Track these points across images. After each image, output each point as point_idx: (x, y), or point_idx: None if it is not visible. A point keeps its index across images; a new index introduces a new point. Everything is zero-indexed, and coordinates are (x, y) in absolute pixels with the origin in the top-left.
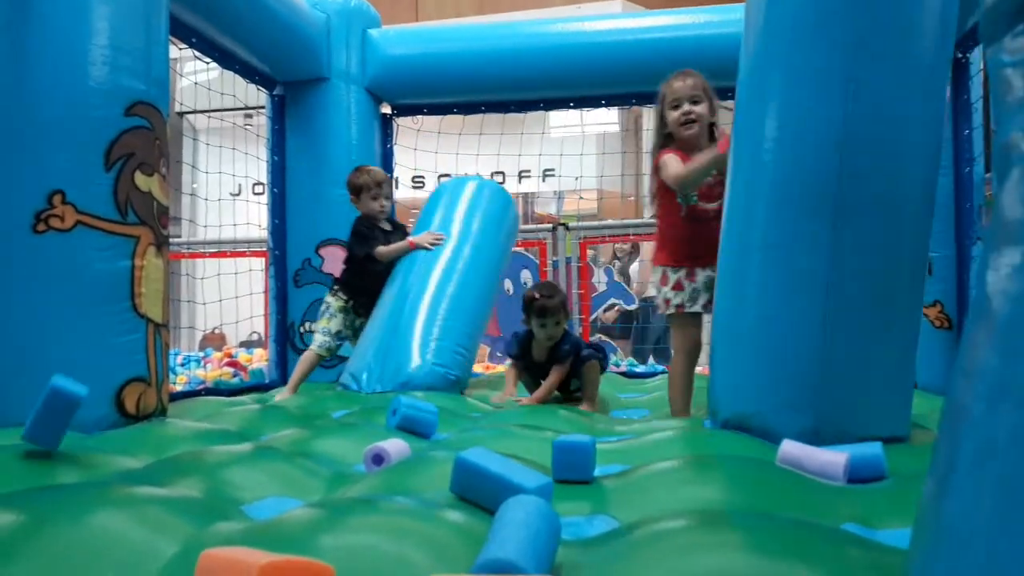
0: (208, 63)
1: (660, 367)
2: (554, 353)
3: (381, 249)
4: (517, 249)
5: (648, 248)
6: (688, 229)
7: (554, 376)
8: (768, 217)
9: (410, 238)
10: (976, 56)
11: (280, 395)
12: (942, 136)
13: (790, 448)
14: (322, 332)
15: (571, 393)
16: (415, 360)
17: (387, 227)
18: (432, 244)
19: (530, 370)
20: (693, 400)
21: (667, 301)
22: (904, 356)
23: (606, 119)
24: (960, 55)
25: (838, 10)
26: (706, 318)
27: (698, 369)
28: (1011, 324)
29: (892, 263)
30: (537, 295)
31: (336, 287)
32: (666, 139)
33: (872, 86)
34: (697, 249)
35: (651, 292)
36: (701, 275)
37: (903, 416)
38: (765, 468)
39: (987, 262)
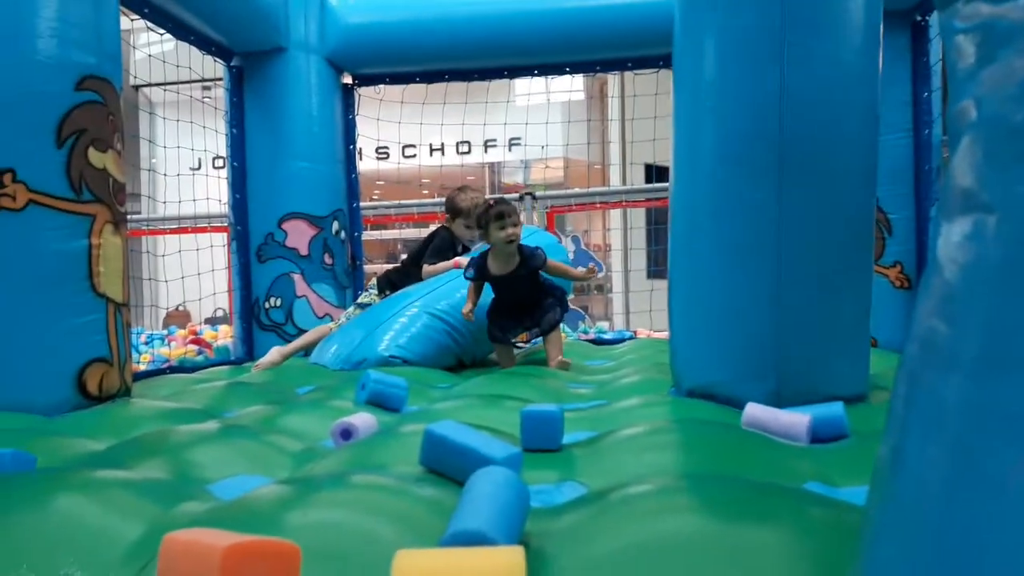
0: (162, 34)
1: (628, 333)
2: (519, 261)
3: (428, 268)
4: None
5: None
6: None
7: (556, 265)
8: (712, 186)
9: (456, 259)
10: (935, 19)
11: (266, 358)
12: (878, 96)
13: (754, 411)
14: (346, 315)
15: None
16: (377, 341)
17: (459, 250)
18: None
19: (498, 289)
20: (653, 361)
21: None
22: (859, 315)
23: (571, 87)
24: (919, 17)
25: None
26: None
27: (663, 334)
28: (961, 293)
29: (839, 223)
30: (492, 202)
31: (377, 282)
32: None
33: (805, 50)
34: None
35: None
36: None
37: (861, 375)
38: (730, 431)
39: (939, 230)
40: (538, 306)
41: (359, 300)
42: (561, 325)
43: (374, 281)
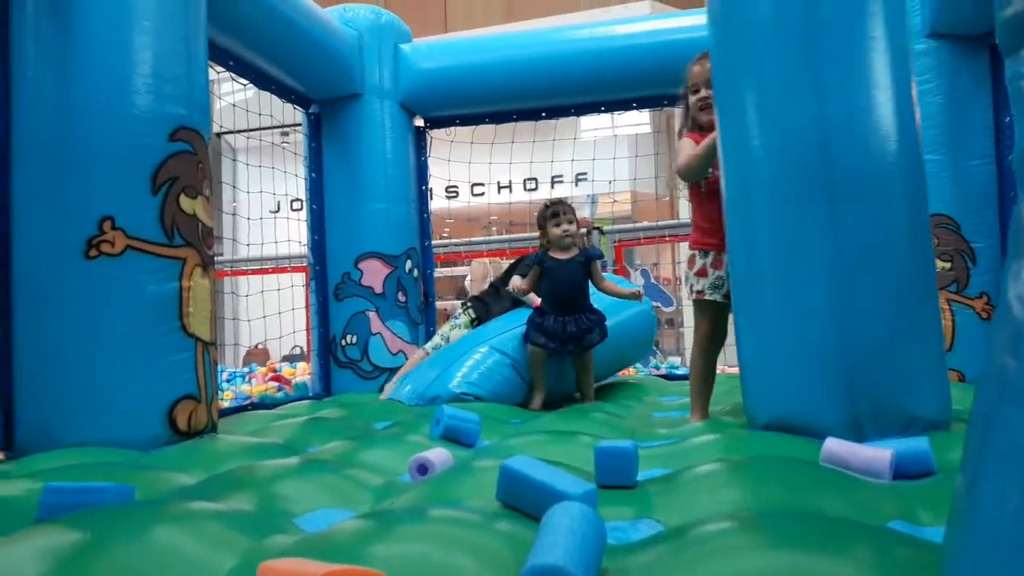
0: (244, 84)
1: None
2: (578, 251)
3: (516, 281)
4: None
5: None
6: (710, 207)
7: (605, 283)
8: (767, 219)
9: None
10: None
11: (385, 392)
12: (915, 117)
13: (834, 446)
14: (440, 335)
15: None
16: (450, 378)
17: None
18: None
19: (552, 278)
20: (722, 400)
21: (691, 287)
22: (929, 335)
23: (637, 120)
24: (998, 41)
25: (793, 15)
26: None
27: (734, 370)
28: None
29: (895, 244)
30: (548, 203)
31: (469, 303)
32: (691, 123)
33: (839, 83)
34: (721, 229)
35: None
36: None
37: (941, 398)
38: (808, 468)
39: (1008, 269)
40: (584, 312)
41: (459, 318)
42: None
43: (464, 305)
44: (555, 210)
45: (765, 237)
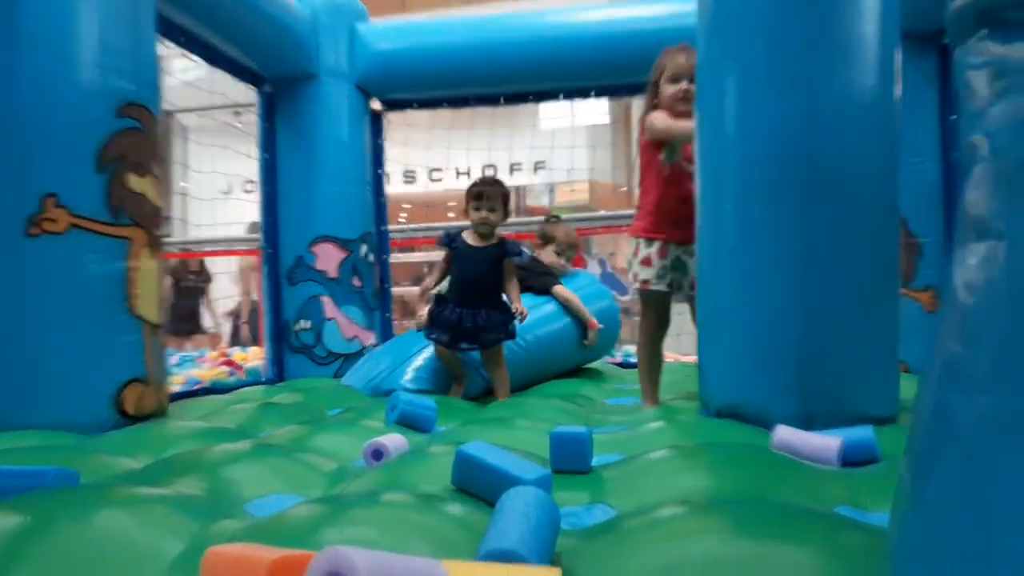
0: (196, 61)
1: None
2: (496, 243)
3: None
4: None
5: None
6: (668, 192)
7: (512, 288)
8: (738, 206)
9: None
10: None
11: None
12: (896, 118)
13: (784, 433)
14: None
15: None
16: (402, 373)
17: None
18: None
19: (461, 267)
20: (676, 388)
21: (635, 276)
22: (887, 335)
23: (596, 110)
24: (947, 41)
25: (782, 10)
26: (679, 307)
27: (686, 358)
28: (973, 314)
29: (864, 243)
30: (478, 181)
31: None
32: (654, 109)
33: (826, 80)
34: (673, 216)
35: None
36: (673, 253)
37: (891, 396)
38: (759, 454)
39: (953, 257)
40: (488, 307)
41: None
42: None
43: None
44: (479, 191)
45: (733, 229)
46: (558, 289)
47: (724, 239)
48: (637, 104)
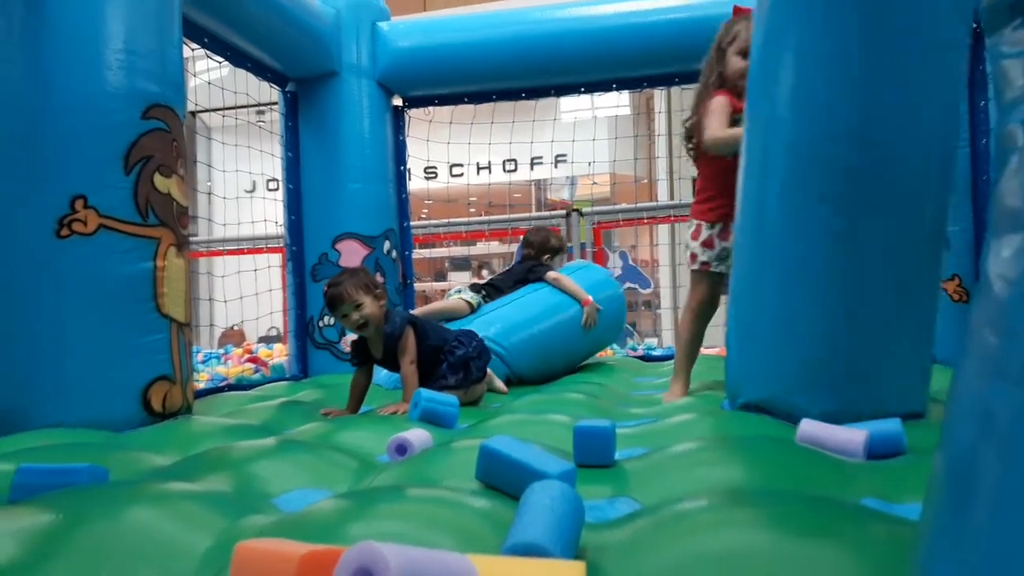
0: (220, 62)
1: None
2: (387, 341)
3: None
4: None
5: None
6: (732, 176)
7: (405, 366)
8: (783, 201)
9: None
10: None
11: None
12: (959, 116)
13: (809, 427)
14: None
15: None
16: None
17: None
18: None
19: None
20: (696, 378)
21: (693, 256)
22: (922, 334)
23: (617, 102)
24: (975, 24)
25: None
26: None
27: (715, 350)
28: (1010, 306)
29: (909, 243)
30: (326, 287)
31: (484, 291)
32: (720, 80)
33: (888, 72)
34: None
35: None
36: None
37: (921, 393)
38: (784, 447)
39: (988, 247)
40: (436, 369)
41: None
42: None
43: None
44: (330, 301)
45: (774, 225)
46: (550, 275)
47: (766, 228)
48: (659, 96)
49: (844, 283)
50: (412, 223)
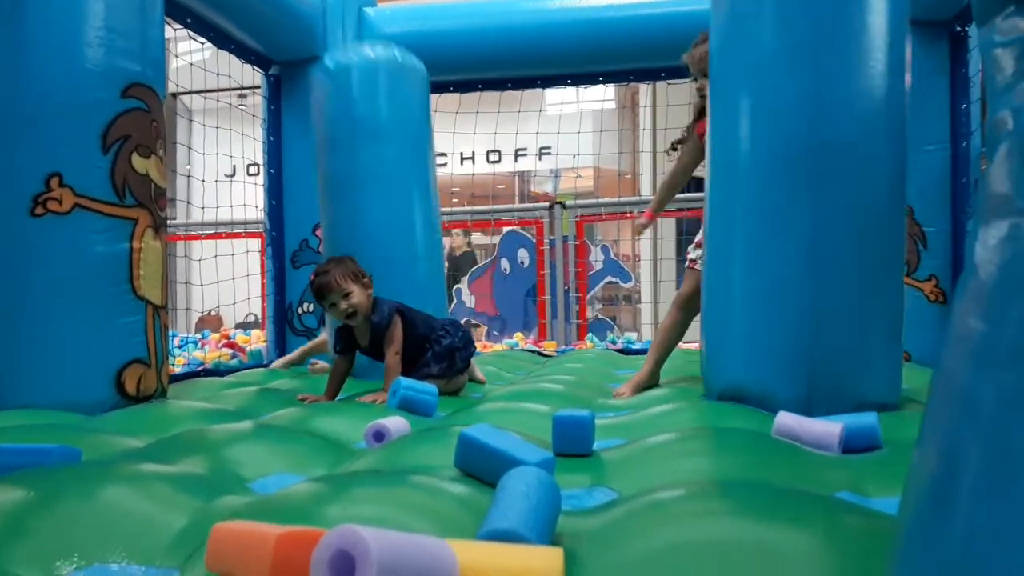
0: (203, 43)
1: None
2: (374, 330)
3: None
4: (514, 228)
5: None
6: None
7: (389, 356)
8: (748, 192)
9: None
10: (974, 30)
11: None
12: (905, 106)
13: (786, 420)
14: None
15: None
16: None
17: None
18: None
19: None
20: (676, 372)
21: (687, 255)
22: (891, 321)
23: (603, 96)
24: (958, 28)
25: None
26: None
27: (693, 345)
28: (996, 291)
29: (870, 229)
30: (312, 275)
31: None
32: (699, 113)
33: (838, 64)
34: None
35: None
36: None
37: (894, 383)
38: (760, 439)
39: (976, 235)
40: (422, 357)
41: None
42: (589, 336)
43: None
44: (318, 291)
45: (741, 211)
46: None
47: (732, 222)
48: (644, 90)
49: (809, 267)
50: None
